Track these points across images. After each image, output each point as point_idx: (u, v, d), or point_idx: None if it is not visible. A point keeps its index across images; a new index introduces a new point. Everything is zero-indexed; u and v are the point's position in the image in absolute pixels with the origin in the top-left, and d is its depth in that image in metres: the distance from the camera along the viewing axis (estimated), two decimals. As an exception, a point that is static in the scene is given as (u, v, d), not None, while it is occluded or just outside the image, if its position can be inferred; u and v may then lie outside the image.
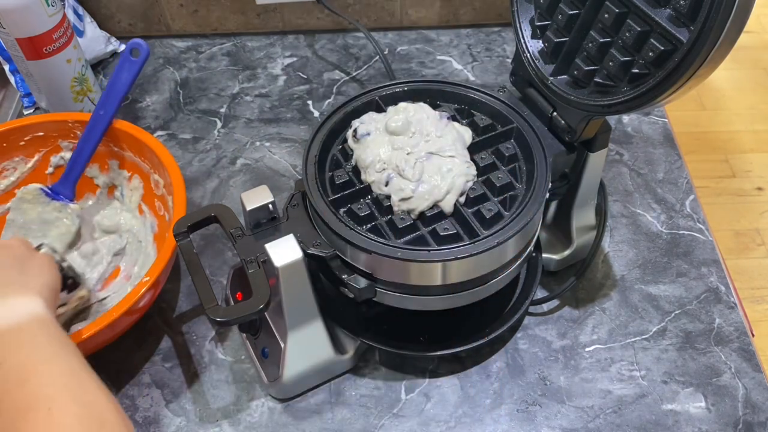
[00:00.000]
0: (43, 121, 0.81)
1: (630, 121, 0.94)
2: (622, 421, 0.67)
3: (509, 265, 0.64)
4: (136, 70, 0.77)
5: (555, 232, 0.77)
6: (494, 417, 0.67)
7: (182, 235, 0.63)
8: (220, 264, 0.80)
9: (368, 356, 0.71)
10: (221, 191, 0.88)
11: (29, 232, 0.80)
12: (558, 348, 0.72)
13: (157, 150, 0.76)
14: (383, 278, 0.62)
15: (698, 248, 0.80)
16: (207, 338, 0.74)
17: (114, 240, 0.81)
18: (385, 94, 0.70)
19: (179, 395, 0.70)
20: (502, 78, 1.01)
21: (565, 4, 0.62)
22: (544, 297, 0.74)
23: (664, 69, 0.53)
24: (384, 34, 1.08)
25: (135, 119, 0.96)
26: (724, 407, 0.67)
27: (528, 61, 0.66)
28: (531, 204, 0.61)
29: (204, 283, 0.59)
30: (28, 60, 0.86)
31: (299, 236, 0.61)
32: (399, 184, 0.62)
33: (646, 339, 0.72)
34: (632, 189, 0.86)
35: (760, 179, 2.03)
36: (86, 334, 0.62)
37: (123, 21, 1.07)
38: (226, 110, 0.98)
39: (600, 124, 0.65)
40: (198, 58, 1.05)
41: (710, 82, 2.21)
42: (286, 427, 0.67)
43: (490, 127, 0.68)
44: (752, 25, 2.46)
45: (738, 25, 0.48)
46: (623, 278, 0.78)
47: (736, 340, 0.72)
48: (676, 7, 0.52)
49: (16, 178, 0.82)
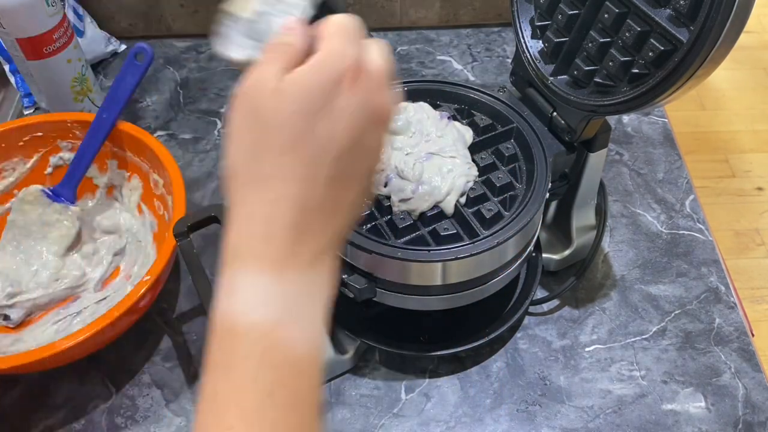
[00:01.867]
0: (42, 122, 0.81)
1: (630, 121, 0.94)
2: (622, 421, 0.67)
3: (509, 265, 0.64)
4: (140, 74, 0.77)
5: (555, 232, 0.77)
6: (494, 417, 0.67)
7: (182, 235, 0.63)
8: (220, 264, 0.80)
9: (368, 356, 0.71)
10: (221, 191, 0.88)
11: (29, 233, 0.80)
12: (558, 348, 0.72)
13: (156, 150, 0.76)
14: (383, 278, 0.62)
15: (698, 248, 0.80)
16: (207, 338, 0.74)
17: (114, 240, 0.81)
18: (385, 94, 0.70)
19: (179, 395, 0.70)
20: (502, 78, 1.01)
21: (565, 4, 0.62)
22: (544, 297, 0.74)
23: (664, 69, 0.53)
24: (384, 34, 1.08)
25: (135, 119, 0.96)
26: (724, 407, 0.67)
27: (528, 61, 0.66)
28: (531, 204, 0.61)
29: (204, 283, 0.59)
30: (28, 60, 0.86)
31: (299, 236, 0.61)
32: (399, 185, 0.62)
33: (646, 339, 0.72)
34: (632, 189, 0.86)
35: (760, 179, 2.03)
36: (86, 334, 0.62)
37: (123, 21, 1.07)
38: (226, 110, 0.98)
39: (600, 124, 0.65)
40: (198, 58, 1.05)
41: (710, 82, 2.21)
42: (286, 427, 0.67)
43: (490, 127, 0.68)
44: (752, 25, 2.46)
45: (738, 25, 0.48)
46: (623, 278, 0.78)
47: (736, 340, 0.72)
48: (676, 7, 0.52)
49: (15, 179, 0.82)
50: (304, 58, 0.38)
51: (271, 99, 0.37)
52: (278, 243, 0.37)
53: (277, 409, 0.36)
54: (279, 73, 0.37)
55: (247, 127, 0.38)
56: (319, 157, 0.37)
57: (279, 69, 0.38)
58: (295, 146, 0.37)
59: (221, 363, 0.37)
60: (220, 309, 0.38)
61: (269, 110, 0.37)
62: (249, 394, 0.36)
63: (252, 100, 0.38)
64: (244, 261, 0.37)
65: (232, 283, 0.38)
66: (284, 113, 0.37)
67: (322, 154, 0.37)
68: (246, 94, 0.38)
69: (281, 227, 0.37)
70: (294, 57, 0.38)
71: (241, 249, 0.38)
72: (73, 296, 0.78)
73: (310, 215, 0.37)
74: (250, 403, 0.35)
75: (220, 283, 0.38)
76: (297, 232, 0.37)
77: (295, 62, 0.38)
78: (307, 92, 0.37)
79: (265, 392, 0.36)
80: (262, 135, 0.37)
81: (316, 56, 0.38)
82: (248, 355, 0.36)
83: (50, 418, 0.68)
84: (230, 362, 0.37)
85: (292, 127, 0.37)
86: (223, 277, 0.38)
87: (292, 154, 0.37)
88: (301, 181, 0.37)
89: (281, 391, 0.36)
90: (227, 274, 0.38)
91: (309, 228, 0.38)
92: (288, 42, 0.39)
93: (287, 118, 0.37)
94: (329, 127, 0.37)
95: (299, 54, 0.39)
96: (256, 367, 0.36)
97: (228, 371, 0.37)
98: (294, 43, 0.39)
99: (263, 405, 0.35)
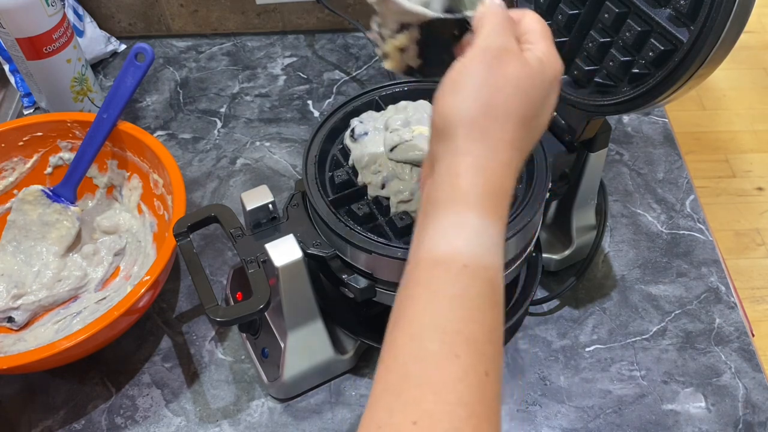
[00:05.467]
0: (42, 121, 0.81)
1: (630, 121, 0.94)
2: (622, 421, 0.67)
3: (509, 265, 0.64)
4: (141, 74, 0.77)
5: (555, 232, 0.77)
6: (494, 417, 0.67)
7: (182, 235, 0.63)
8: (220, 264, 0.80)
9: (368, 356, 0.71)
10: (221, 191, 0.88)
11: (29, 234, 0.80)
12: (558, 348, 0.72)
13: (156, 150, 0.76)
14: (383, 278, 0.61)
15: (698, 248, 0.80)
16: (207, 338, 0.74)
17: (114, 240, 0.81)
18: (385, 94, 0.70)
19: (179, 395, 0.70)
20: (502, 78, 1.01)
21: (565, 4, 0.62)
22: (544, 297, 0.74)
23: (665, 69, 0.53)
24: (384, 34, 1.07)
25: (135, 119, 0.96)
26: (724, 407, 0.67)
27: (528, 61, 0.66)
28: (531, 204, 0.61)
29: (204, 283, 0.59)
30: (28, 60, 0.86)
31: (299, 236, 0.61)
32: (398, 186, 0.62)
33: (646, 339, 0.72)
34: (632, 189, 0.86)
35: (760, 179, 2.03)
36: (86, 334, 0.62)
37: (123, 21, 1.07)
38: (226, 110, 0.98)
39: (600, 124, 0.65)
40: (198, 58, 1.05)
41: (710, 82, 2.21)
42: (286, 427, 0.67)
43: (490, 127, 0.68)
44: (752, 25, 2.46)
45: (738, 25, 0.48)
46: (623, 278, 0.78)
47: (736, 340, 0.72)
48: (676, 7, 0.52)
49: (14, 179, 0.82)
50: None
51: (521, 70, 0.43)
52: (500, 200, 0.43)
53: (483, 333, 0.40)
54: (516, 45, 0.44)
55: (490, 85, 0.42)
56: (534, 138, 0.45)
57: (513, 42, 0.44)
58: (527, 124, 0.43)
59: (439, 291, 0.40)
60: (433, 246, 0.41)
61: (519, 81, 0.42)
62: (474, 324, 0.39)
63: (498, 64, 0.42)
64: (467, 204, 0.41)
65: (453, 224, 0.41)
66: (530, 90, 0.43)
67: (536, 136, 0.46)
68: (488, 56, 0.43)
69: (506, 188, 0.43)
70: (514, 36, 0.45)
71: (463, 195, 0.42)
72: (74, 296, 0.78)
73: (513, 179, 0.44)
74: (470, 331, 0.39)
75: (430, 224, 0.42)
76: (508, 191, 0.43)
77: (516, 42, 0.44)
78: (546, 83, 0.44)
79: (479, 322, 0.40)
80: (506, 101, 0.42)
81: (545, 53, 0.45)
82: (469, 285, 0.40)
83: (50, 418, 0.68)
84: (448, 292, 0.40)
85: (532, 104, 0.43)
86: (437, 218, 0.42)
87: (524, 130, 0.43)
88: (523, 154, 0.44)
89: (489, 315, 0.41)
90: (444, 215, 0.42)
91: (511, 190, 0.44)
92: (507, 18, 0.45)
93: (531, 96, 0.43)
94: (545, 115, 0.45)
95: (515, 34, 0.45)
96: (477, 295, 0.40)
97: (451, 300, 0.40)
98: (511, 20, 0.45)
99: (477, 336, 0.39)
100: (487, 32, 0.44)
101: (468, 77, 0.42)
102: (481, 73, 0.42)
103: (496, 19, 0.44)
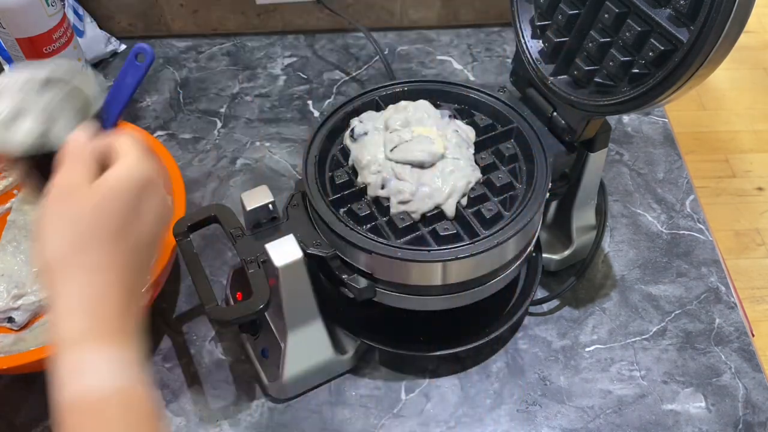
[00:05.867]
0: (43, 121, 0.81)
1: (630, 121, 0.94)
2: (622, 421, 0.67)
3: (509, 265, 0.64)
4: (141, 74, 0.77)
5: (555, 232, 0.77)
6: (494, 417, 0.67)
7: (182, 235, 0.63)
8: (220, 264, 0.80)
9: (368, 356, 0.71)
10: (221, 191, 0.88)
11: (29, 234, 0.80)
12: (558, 348, 0.72)
13: (156, 150, 0.76)
14: (383, 278, 0.62)
15: (698, 248, 0.80)
16: (207, 338, 0.74)
17: (114, 240, 0.81)
18: (385, 94, 0.70)
19: (179, 395, 0.70)
20: (502, 78, 1.01)
21: (565, 4, 0.62)
22: (544, 297, 0.74)
23: (665, 69, 0.53)
24: (384, 34, 1.08)
25: (135, 119, 0.96)
26: (724, 407, 0.67)
27: (528, 61, 0.66)
28: (531, 204, 0.61)
29: (204, 283, 0.59)
30: (28, 60, 0.86)
31: (299, 236, 0.61)
32: (398, 186, 0.62)
33: (646, 339, 0.72)
34: (632, 189, 0.86)
35: (760, 179, 2.03)
36: (86, 334, 0.62)
37: (123, 21, 1.07)
38: (226, 110, 0.98)
39: (600, 124, 0.65)
40: (198, 58, 1.05)
41: (710, 82, 2.21)
42: (286, 427, 0.67)
43: (490, 127, 0.68)
44: (752, 25, 2.46)
45: (738, 25, 0.48)
46: (623, 278, 0.78)
47: (736, 340, 0.72)
48: (676, 7, 0.52)
49: (14, 179, 0.82)
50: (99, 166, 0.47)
51: (91, 199, 0.44)
52: (114, 320, 0.44)
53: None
54: (86, 177, 0.45)
55: (68, 222, 0.44)
56: (137, 246, 0.46)
57: (85, 174, 0.45)
58: (124, 237, 0.45)
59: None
60: (70, 390, 0.42)
61: (93, 208, 0.44)
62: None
63: (70, 201, 0.45)
64: (85, 341, 0.43)
65: (78, 363, 0.42)
66: (108, 211, 0.45)
67: (138, 244, 0.46)
68: (60, 196, 0.45)
69: (116, 307, 0.44)
70: (93, 165, 0.46)
71: (72, 333, 0.43)
72: (73, 296, 0.78)
73: (131, 293, 0.45)
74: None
75: (59, 367, 0.42)
76: (125, 308, 0.45)
77: (95, 170, 0.46)
78: (133, 192, 0.46)
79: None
80: (87, 229, 0.44)
81: (126, 167, 0.47)
82: (120, 419, 0.42)
83: (50, 418, 0.68)
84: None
85: (117, 222, 0.45)
86: (63, 360, 0.42)
87: (123, 243, 0.45)
88: (124, 267, 0.45)
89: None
90: (69, 357, 0.42)
91: (132, 303, 0.46)
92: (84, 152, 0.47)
93: (112, 214, 0.45)
94: (143, 221, 0.46)
95: (95, 162, 0.47)
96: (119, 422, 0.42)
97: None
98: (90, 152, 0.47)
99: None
100: (62, 170, 0.46)
101: (48, 219, 0.44)
102: (56, 212, 0.44)
103: (72, 155, 0.46)
